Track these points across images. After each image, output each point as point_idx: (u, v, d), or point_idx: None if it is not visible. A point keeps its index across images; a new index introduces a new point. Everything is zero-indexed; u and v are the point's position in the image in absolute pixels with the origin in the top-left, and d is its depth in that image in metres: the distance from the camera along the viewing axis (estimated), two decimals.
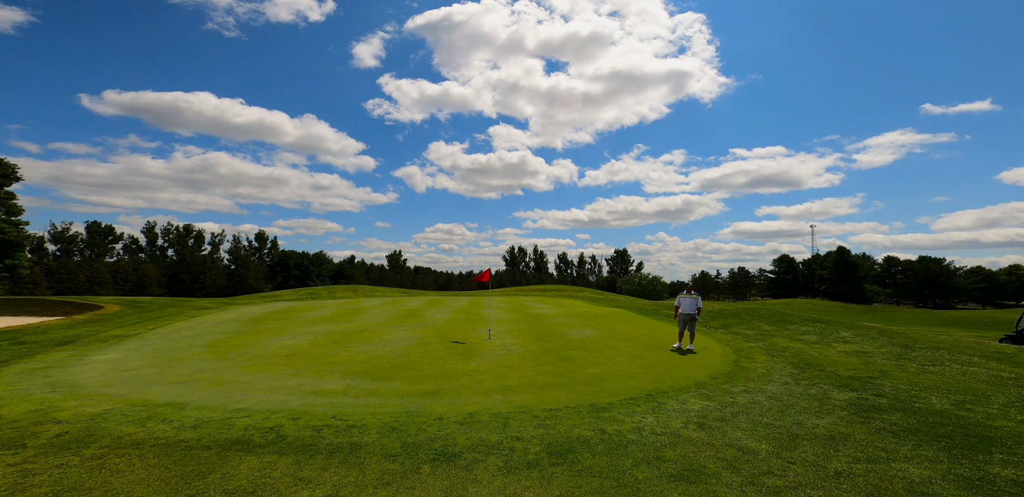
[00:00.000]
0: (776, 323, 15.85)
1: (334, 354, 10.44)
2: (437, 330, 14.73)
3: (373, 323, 16.38)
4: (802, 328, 14.66)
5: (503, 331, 14.46)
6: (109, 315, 16.37)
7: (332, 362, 9.55)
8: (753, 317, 17.39)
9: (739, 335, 13.76)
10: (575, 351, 10.97)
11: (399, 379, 8.24)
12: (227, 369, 8.94)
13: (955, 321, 34.78)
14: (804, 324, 15.34)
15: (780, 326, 15.19)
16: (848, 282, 76.50)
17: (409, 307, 23.34)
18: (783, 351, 11.07)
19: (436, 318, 18.19)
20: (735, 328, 15.18)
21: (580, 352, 10.85)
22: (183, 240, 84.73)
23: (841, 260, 79.45)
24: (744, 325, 15.71)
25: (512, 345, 11.87)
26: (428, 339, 12.86)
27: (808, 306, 22.67)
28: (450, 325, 16.02)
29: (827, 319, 16.78)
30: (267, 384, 7.74)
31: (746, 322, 16.28)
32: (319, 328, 14.73)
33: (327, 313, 19.52)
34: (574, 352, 10.86)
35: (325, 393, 7.29)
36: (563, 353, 10.75)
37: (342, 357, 10.09)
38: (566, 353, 10.76)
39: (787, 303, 64.86)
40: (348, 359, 9.88)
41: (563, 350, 11.13)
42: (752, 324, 15.84)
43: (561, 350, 11.12)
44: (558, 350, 11.12)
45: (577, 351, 10.98)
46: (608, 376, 8.49)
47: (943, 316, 40.54)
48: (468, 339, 12.90)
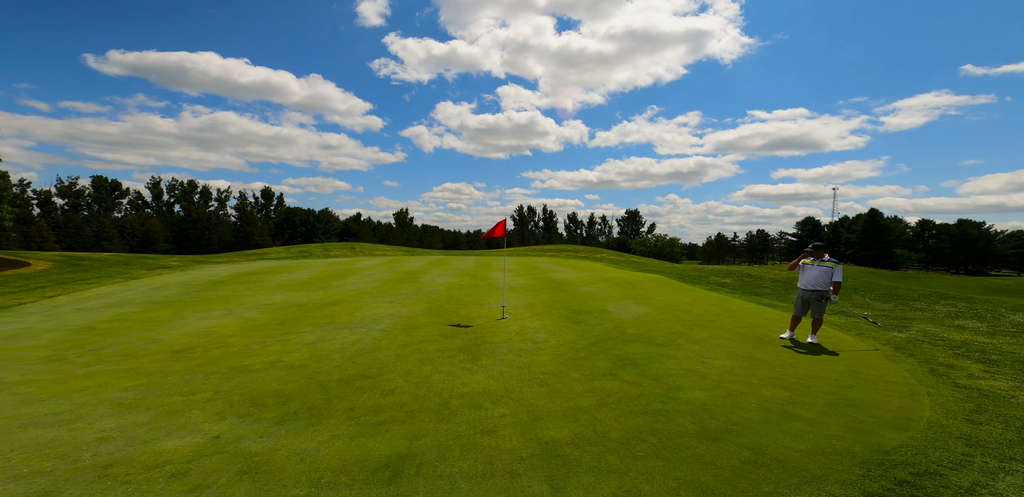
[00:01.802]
0: (886, 298, 11.62)
1: (258, 348, 6.56)
2: (433, 303, 10.82)
3: (354, 291, 12.54)
4: (938, 307, 10.42)
5: (521, 305, 10.53)
6: (22, 276, 12.77)
7: (236, 368, 5.59)
8: (847, 291, 13.13)
9: (853, 317, 9.61)
10: (637, 345, 6.96)
11: (337, 417, 4.28)
12: (26, 383, 5.11)
13: (1016, 289, 29.60)
14: (931, 301, 11.10)
15: (900, 303, 10.98)
16: (877, 246, 71.05)
17: (407, 269, 19.51)
18: (987, 352, 6.90)
19: (436, 284, 14.31)
20: (835, 306, 11.01)
21: (645, 348, 6.84)
22: (189, 196, 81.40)
23: (872, 223, 73.39)
24: (846, 301, 11.51)
25: (538, 332, 7.91)
26: (418, 319, 8.95)
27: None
28: (451, 295, 12.11)
29: (951, 294, 12.42)
30: (24, 437, 3.83)
31: (846, 297, 12.03)
32: (278, 298, 10.94)
33: (305, 276, 15.76)
34: (637, 348, 6.84)
35: (140, 470, 3.39)
36: (620, 350, 6.75)
37: (265, 356, 6.18)
38: (625, 350, 6.75)
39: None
40: (273, 361, 5.96)
41: (617, 343, 7.13)
42: (854, 300, 11.61)
43: (614, 343, 7.12)
44: (609, 343, 7.13)
45: (640, 345, 6.98)
46: (732, 410, 4.46)
47: (986, 283, 35.31)
48: (473, 319, 8.98)
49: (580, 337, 7.53)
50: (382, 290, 12.79)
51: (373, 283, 14.38)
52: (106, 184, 77.39)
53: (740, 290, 13.96)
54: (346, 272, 17.59)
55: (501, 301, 11.00)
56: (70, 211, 72.37)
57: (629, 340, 7.32)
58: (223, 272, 16.08)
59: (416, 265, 21.72)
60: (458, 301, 11.14)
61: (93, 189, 76.87)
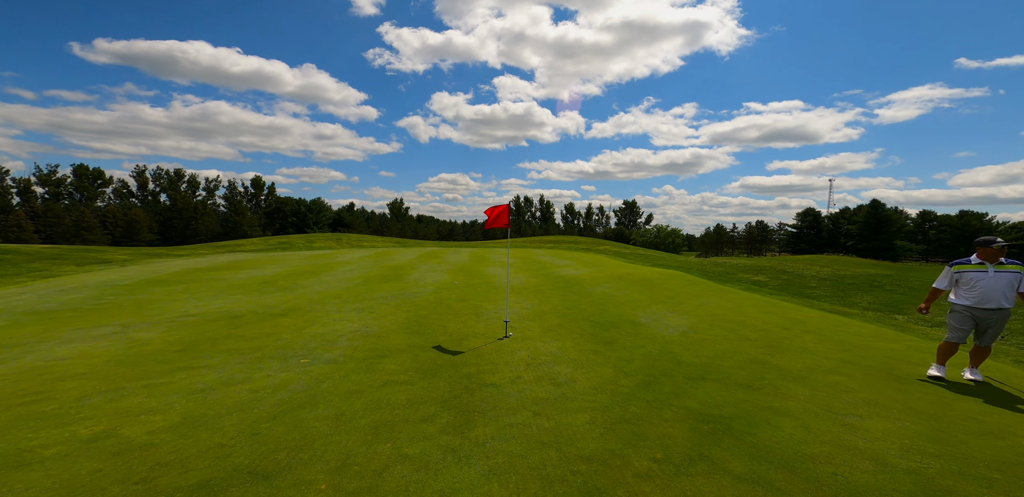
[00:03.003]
0: None
1: (95, 404, 4.04)
2: (415, 312, 8.36)
3: (320, 294, 10.03)
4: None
5: (527, 314, 8.11)
6: None
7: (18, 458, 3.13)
8: (915, 289, 10.79)
9: None
10: (711, 388, 4.53)
11: None
12: None
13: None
14: None
15: None
16: (879, 238, 69.29)
17: (394, 263, 17.00)
18: None
19: (423, 284, 11.83)
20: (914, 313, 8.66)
21: (727, 392, 4.42)
22: (175, 185, 77.89)
23: (874, 214, 71.54)
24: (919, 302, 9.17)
25: (557, 363, 5.47)
26: (390, 340, 6.50)
27: (851, 264, 16.54)
28: (440, 300, 9.65)
29: None
30: None
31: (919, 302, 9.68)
32: (213, 306, 8.41)
33: (270, 273, 13.20)
34: (714, 392, 4.41)
35: None
36: (690, 398, 4.32)
37: (88, 424, 3.63)
38: (697, 397, 4.32)
39: (813, 259, 57.85)
40: (95, 436, 3.41)
41: (678, 383, 4.71)
42: (938, 306, 9.26)
43: (674, 383, 4.70)
44: (667, 383, 4.70)
45: (715, 387, 4.55)
46: None
47: None
48: (466, 339, 6.54)
49: (620, 371, 5.11)
50: (356, 292, 10.30)
51: (348, 282, 11.88)
52: (88, 173, 73.69)
53: (784, 290, 11.61)
54: (322, 267, 15.06)
55: (502, 309, 8.57)
56: (50, 200, 68.87)
57: (694, 377, 4.90)
58: (172, 268, 13.49)
59: (405, 258, 19.21)
60: (448, 309, 8.68)
61: (74, 177, 73.24)
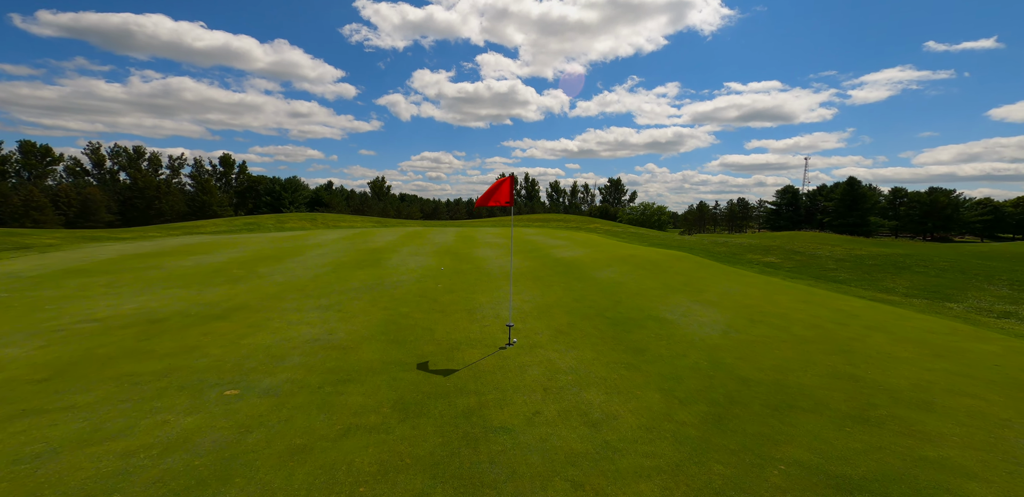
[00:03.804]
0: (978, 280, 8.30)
1: None
2: (394, 310, 6.79)
3: (278, 285, 8.31)
4: None
5: (530, 309, 6.65)
6: None
7: None
8: (947, 271, 9.78)
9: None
10: (823, 423, 3.20)
11: None
12: None
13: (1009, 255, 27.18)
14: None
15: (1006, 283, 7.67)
16: (854, 214, 70.31)
17: (372, 246, 15.21)
18: None
19: (404, 270, 10.20)
20: (966, 300, 7.59)
21: (855, 434, 3.09)
22: (135, 163, 72.08)
23: (850, 191, 72.28)
24: (972, 291, 8.10)
25: (584, 387, 4.06)
26: (358, 353, 4.96)
27: (831, 241, 15.91)
28: (424, 292, 8.08)
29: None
30: None
31: (966, 287, 8.64)
32: (130, 305, 6.62)
33: (223, 259, 11.28)
34: (833, 436, 3.08)
35: None
36: (812, 451, 2.97)
37: None
38: (824, 450, 2.98)
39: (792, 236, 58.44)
40: None
41: (771, 421, 3.35)
42: (986, 291, 8.22)
43: (759, 420, 3.34)
44: (748, 420, 3.35)
45: (831, 424, 3.21)
46: None
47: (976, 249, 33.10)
48: (458, 348, 5.05)
49: (670, 396, 3.73)
50: (323, 283, 8.61)
51: (316, 269, 10.14)
52: (35, 149, 67.17)
53: (803, 273, 10.49)
54: (288, 251, 13.18)
55: (498, 303, 7.07)
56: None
57: (776, 404, 3.57)
58: (105, 255, 11.39)
59: (385, 240, 17.40)
60: (434, 304, 7.14)
61: (20, 155, 66.80)
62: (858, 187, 72.55)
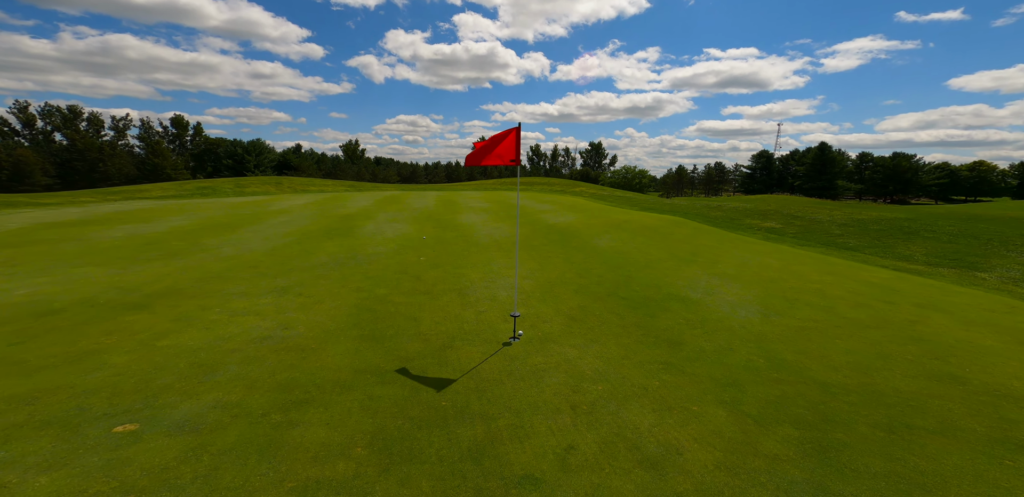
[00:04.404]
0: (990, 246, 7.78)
1: None
2: (368, 292, 5.55)
3: (226, 262, 6.85)
4: None
5: (533, 290, 5.55)
6: None
7: None
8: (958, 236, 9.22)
9: None
10: (973, 457, 2.34)
11: None
12: None
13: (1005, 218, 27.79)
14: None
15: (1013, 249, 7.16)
16: (823, 178, 71.75)
17: (344, 212, 13.57)
18: None
19: (380, 240, 8.83)
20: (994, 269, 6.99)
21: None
22: (71, 123, 64.25)
23: (821, 156, 73.31)
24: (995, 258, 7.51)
25: (628, 406, 3.06)
26: (320, 362, 3.78)
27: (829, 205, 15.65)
28: (405, 266, 6.83)
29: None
30: None
31: (987, 255, 8.06)
32: (21, 292, 5.12)
33: (163, 229, 9.53)
34: (1006, 483, 2.24)
35: None
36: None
37: None
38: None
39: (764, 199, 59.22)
40: None
41: (900, 451, 2.49)
42: (1008, 258, 7.66)
43: (894, 453, 2.47)
44: (873, 453, 2.47)
45: (985, 460, 2.37)
46: None
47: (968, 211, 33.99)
48: (450, 347, 3.95)
49: (742, 415, 2.80)
50: (283, 257, 7.21)
51: (277, 240, 8.65)
52: None
53: (810, 240, 9.77)
54: (245, 219, 11.46)
55: (491, 279, 5.94)
56: None
57: (888, 424, 2.69)
58: (14, 223, 9.40)
59: (359, 205, 15.69)
60: (417, 282, 5.94)
61: None
62: (828, 152, 73.42)
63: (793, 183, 75.19)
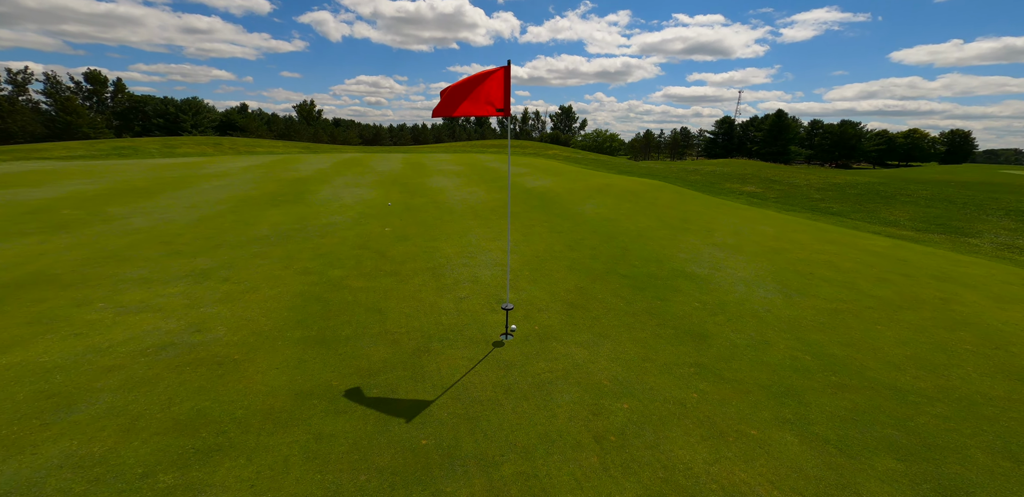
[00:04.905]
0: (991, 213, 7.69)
1: None
2: (320, 274, 4.41)
3: (132, 236, 5.38)
4: None
5: (521, 268, 4.62)
6: None
7: None
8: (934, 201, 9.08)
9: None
10: None
11: None
12: None
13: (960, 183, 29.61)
14: None
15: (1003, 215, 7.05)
16: (778, 143, 73.78)
17: (294, 175, 11.78)
18: None
19: (337, 208, 7.47)
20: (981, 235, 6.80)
21: None
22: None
23: (778, 122, 74.94)
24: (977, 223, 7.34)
25: (676, 441, 2.29)
26: (241, 383, 2.72)
27: (779, 169, 15.83)
28: (366, 240, 5.66)
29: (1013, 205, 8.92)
30: None
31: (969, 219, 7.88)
32: None
33: (57, 194, 7.63)
34: None
35: None
36: None
37: None
38: None
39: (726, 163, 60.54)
40: None
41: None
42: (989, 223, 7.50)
43: None
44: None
45: None
46: None
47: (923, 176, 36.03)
48: (429, 350, 3.01)
49: (820, 442, 2.11)
50: (210, 230, 5.80)
51: (206, 208, 7.10)
52: None
53: (794, 204, 9.36)
54: (171, 183, 9.55)
55: (470, 255, 4.95)
56: None
57: (1020, 456, 2.12)
58: None
59: (313, 168, 13.78)
60: (381, 260, 4.84)
61: None
62: (784, 119, 74.91)
63: (751, 148, 76.85)
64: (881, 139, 79.41)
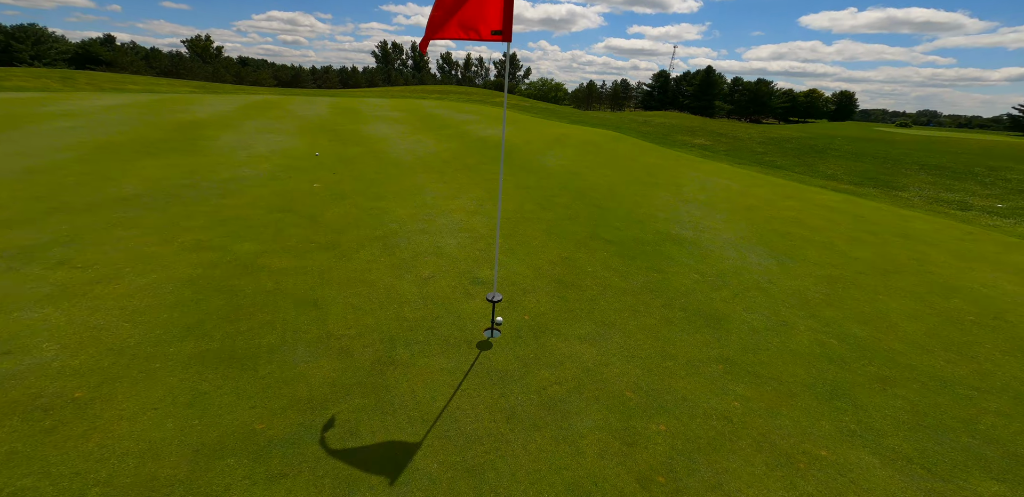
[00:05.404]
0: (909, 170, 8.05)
1: None
2: (223, 249, 3.07)
3: None
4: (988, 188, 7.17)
5: (487, 232, 3.66)
6: None
7: None
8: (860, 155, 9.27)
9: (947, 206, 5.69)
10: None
11: None
12: None
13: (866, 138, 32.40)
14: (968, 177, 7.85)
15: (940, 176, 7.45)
16: (705, 98, 75.29)
17: (181, 119, 9.11)
18: None
19: (246, 160, 5.70)
20: (907, 189, 6.99)
21: None
22: None
23: (707, 78, 75.86)
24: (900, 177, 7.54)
25: None
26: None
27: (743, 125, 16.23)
28: (288, 199, 4.23)
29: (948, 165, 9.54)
30: None
31: (892, 173, 8.09)
32: None
33: None
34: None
35: None
36: None
37: None
38: None
39: (663, 114, 61.52)
40: None
41: None
42: (911, 177, 7.75)
43: None
44: None
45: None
46: None
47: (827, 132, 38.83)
48: (395, 361, 2.07)
49: (925, 474, 1.64)
50: (47, 187, 4.00)
51: (43, 157, 5.01)
52: None
53: (742, 158, 9.10)
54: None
55: (427, 217, 3.86)
56: None
57: None
58: None
59: (213, 110, 10.81)
60: (312, 227, 3.58)
61: None
62: (713, 75, 75.74)
63: (683, 102, 77.58)
64: (787, 97, 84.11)
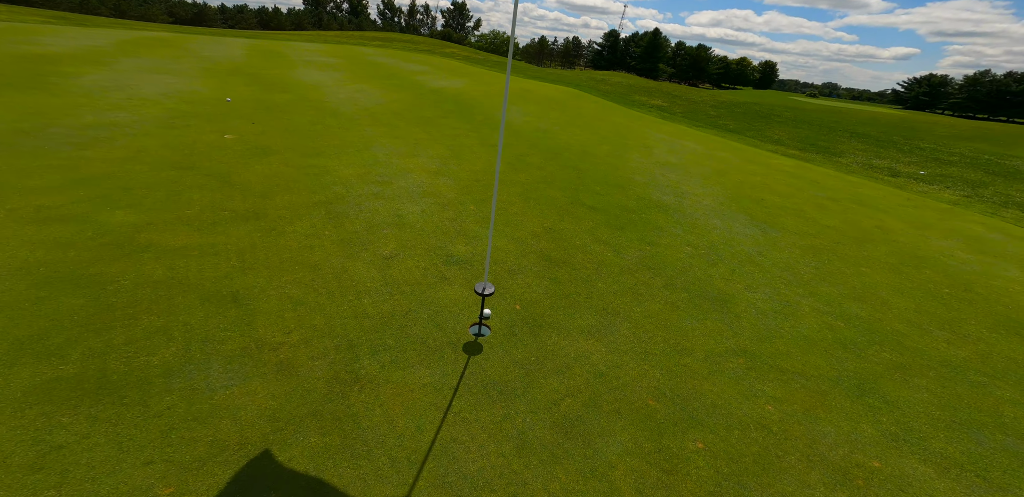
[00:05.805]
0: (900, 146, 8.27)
1: None
2: (81, 226, 2.03)
3: None
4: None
5: (462, 198, 2.88)
6: None
7: None
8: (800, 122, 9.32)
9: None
10: None
11: None
12: None
13: (796, 105, 33.64)
14: None
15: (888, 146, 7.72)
16: (651, 60, 73.91)
17: (26, 52, 6.78)
18: None
19: (123, 104, 4.16)
20: (844, 155, 7.11)
21: None
22: None
23: (654, 40, 73.98)
24: (836, 144, 7.65)
25: None
26: None
27: (662, 84, 16.08)
28: (187, 155, 3.06)
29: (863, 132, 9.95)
30: None
31: (829, 140, 8.19)
32: None
33: None
34: None
35: None
36: None
37: None
38: None
39: (610, 74, 59.99)
40: None
41: None
42: (846, 144, 7.89)
43: None
44: None
45: None
46: None
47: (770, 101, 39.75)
48: (366, 387, 1.41)
49: (982, 483, 1.42)
50: None
51: None
52: None
53: (699, 121, 8.77)
54: None
55: (382, 184, 3.02)
56: None
57: None
58: None
59: (76, 44, 8.05)
60: (224, 190, 2.58)
61: None
62: (659, 38, 73.93)
63: (630, 63, 75.63)
64: (722, 65, 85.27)
